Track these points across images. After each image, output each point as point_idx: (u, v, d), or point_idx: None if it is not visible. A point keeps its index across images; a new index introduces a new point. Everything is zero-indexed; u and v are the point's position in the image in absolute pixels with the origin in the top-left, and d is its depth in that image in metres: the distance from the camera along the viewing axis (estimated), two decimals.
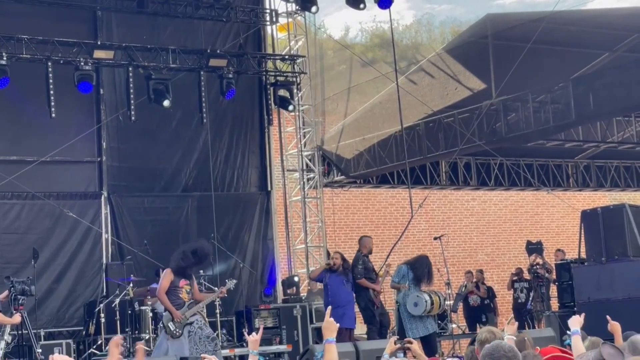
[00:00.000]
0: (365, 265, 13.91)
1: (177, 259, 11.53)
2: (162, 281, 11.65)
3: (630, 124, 19.91)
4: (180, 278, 11.62)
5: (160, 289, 11.61)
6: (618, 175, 22.96)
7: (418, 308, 13.65)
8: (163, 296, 11.52)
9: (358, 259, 14.04)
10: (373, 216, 23.09)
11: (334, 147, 19.41)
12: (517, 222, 25.07)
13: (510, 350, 4.95)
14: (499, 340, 5.38)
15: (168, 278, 11.54)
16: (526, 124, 17.14)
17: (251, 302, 16.46)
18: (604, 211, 14.97)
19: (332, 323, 5.64)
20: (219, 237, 16.37)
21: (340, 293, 13.40)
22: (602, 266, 14.40)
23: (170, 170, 17.02)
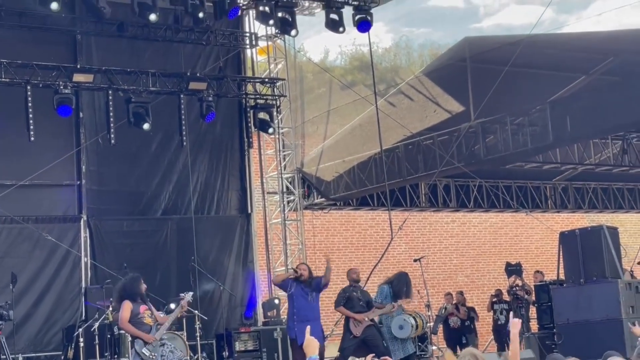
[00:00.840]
0: (349, 295, 13.80)
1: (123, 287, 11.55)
2: (122, 313, 11.51)
3: (607, 146, 20.07)
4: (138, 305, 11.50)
5: (122, 320, 11.47)
6: (596, 197, 23.12)
7: (403, 331, 13.72)
8: (127, 325, 11.39)
9: (343, 288, 14.03)
10: (353, 238, 23.13)
11: (314, 169, 19.46)
12: (496, 243, 25.17)
13: None
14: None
15: (127, 307, 11.42)
16: (504, 146, 17.24)
17: (231, 325, 16.43)
18: (582, 233, 15.07)
19: (313, 340, 5.68)
20: (199, 260, 16.34)
21: (305, 307, 13.17)
22: (581, 287, 14.49)
23: (150, 193, 16.99)
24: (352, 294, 13.79)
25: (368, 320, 13.60)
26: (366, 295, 14.06)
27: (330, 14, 16.06)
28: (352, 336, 13.51)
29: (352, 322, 13.61)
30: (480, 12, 23.83)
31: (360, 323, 13.54)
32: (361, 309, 13.67)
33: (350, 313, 13.62)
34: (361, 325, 13.53)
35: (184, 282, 15.68)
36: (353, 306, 13.68)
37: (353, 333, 13.54)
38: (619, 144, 19.99)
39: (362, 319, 13.54)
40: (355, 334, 13.50)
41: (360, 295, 13.84)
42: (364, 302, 13.76)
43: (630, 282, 14.61)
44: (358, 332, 13.53)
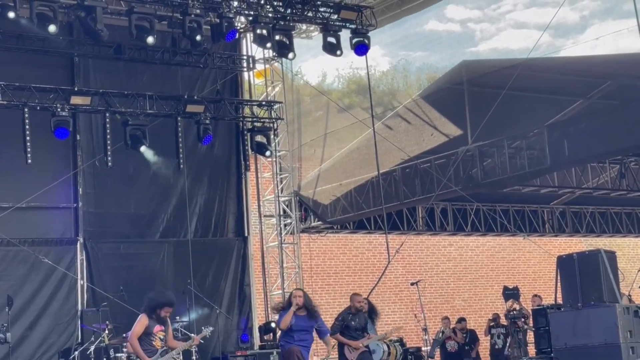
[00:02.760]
0: (347, 323, 13.76)
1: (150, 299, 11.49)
2: (135, 326, 11.49)
3: (605, 170, 20.06)
4: (155, 324, 11.49)
5: (132, 334, 11.44)
6: (593, 220, 23.10)
7: (375, 355, 13.79)
8: (135, 342, 11.35)
9: (339, 315, 13.99)
10: (350, 262, 23.07)
11: (311, 192, 19.44)
12: (494, 267, 25.11)
13: None
14: None
15: (142, 323, 11.39)
16: (502, 169, 17.23)
17: (227, 348, 16.37)
18: (580, 257, 15.00)
19: None
20: (195, 283, 16.30)
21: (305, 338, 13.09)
22: (579, 312, 14.40)
23: (147, 216, 16.97)
24: (350, 322, 13.74)
25: (363, 346, 13.63)
26: (363, 321, 14.01)
27: (328, 37, 16.09)
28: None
29: (347, 349, 13.64)
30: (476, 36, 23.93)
31: (355, 350, 13.57)
32: (358, 336, 13.69)
33: (346, 340, 13.62)
34: (356, 351, 13.56)
35: (180, 305, 15.62)
36: (350, 334, 13.69)
37: (348, 358, 13.56)
38: (617, 167, 19.97)
39: (357, 346, 13.56)
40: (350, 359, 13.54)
41: (357, 324, 13.81)
42: (360, 329, 13.78)
43: (629, 307, 14.51)
44: (353, 358, 13.55)
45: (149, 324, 11.36)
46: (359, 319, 13.92)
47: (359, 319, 13.89)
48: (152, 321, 11.39)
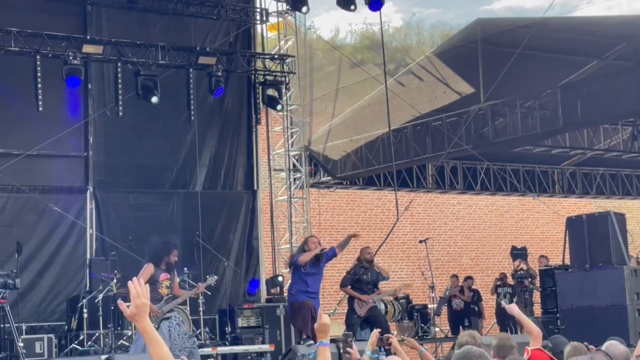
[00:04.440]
0: (358, 277, 13.90)
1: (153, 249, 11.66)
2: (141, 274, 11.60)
3: (617, 131, 19.98)
4: (161, 272, 11.58)
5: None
6: (604, 182, 23.05)
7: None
8: None
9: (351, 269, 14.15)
10: (359, 218, 23.09)
11: (321, 147, 19.40)
12: (502, 227, 25.12)
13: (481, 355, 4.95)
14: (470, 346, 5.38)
15: (148, 271, 11.51)
16: (514, 129, 17.17)
17: (234, 301, 16.44)
18: (589, 218, 15.02)
19: (327, 326, 5.59)
20: (204, 235, 16.34)
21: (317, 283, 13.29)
22: (586, 273, 14.45)
23: (157, 167, 16.96)
24: (362, 276, 13.87)
25: (372, 301, 13.74)
26: (375, 275, 14.12)
27: None
28: (356, 316, 13.67)
29: (357, 303, 13.76)
30: None
31: (365, 304, 13.68)
32: (369, 291, 13.82)
33: (356, 294, 13.77)
34: (366, 305, 13.68)
35: (189, 256, 15.70)
36: (361, 288, 13.81)
37: (357, 313, 13.69)
38: (629, 129, 19.89)
39: (367, 300, 13.69)
40: (359, 314, 13.66)
41: (369, 278, 13.93)
42: (371, 283, 13.91)
43: (636, 269, 14.55)
44: (362, 312, 13.68)
45: (155, 272, 11.48)
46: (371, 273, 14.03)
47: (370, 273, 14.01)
48: (158, 269, 11.51)
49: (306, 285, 13.19)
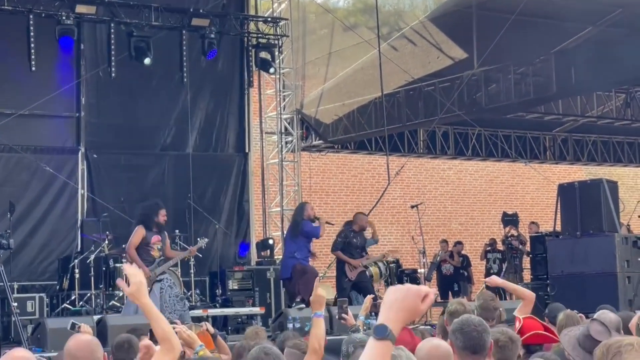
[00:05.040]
0: (349, 241, 14.01)
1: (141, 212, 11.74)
2: (132, 237, 11.70)
3: (610, 98, 19.99)
4: (152, 234, 11.62)
5: (130, 245, 11.66)
6: (595, 149, 23.10)
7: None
8: (132, 252, 11.55)
9: (342, 232, 14.22)
10: (349, 182, 23.11)
11: (313, 111, 19.36)
12: (492, 192, 25.18)
13: (480, 324, 5.00)
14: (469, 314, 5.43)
15: (139, 234, 11.58)
16: (506, 95, 17.17)
17: (225, 264, 16.47)
18: (581, 185, 15.07)
19: (322, 297, 5.66)
20: (195, 197, 16.34)
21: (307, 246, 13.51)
22: (577, 240, 14.52)
23: (149, 129, 16.91)
24: (352, 240, 13.97)
25: (362, 266, 13.86)
26: (363, 240, 14.24)
27: None
28: (347, 279, 13.79)
29: (348, 267, 13.86)
30: None
31: (355, 268, 13.79)
32: (357, 255, 13.92)
33: (347, 258, 13.87)
34: (356, 270, 13.80)
35: (180, 218, 15.71)
36: (351, 252, 13.92)
37: (348, 277, 13.81)
38: (623, 97, 19.91)
39: (357, 265, 13.79)
40: (350, 278, 13.79)
41: (358, 242, 14.04)
42: (361, 247, 14.02)
43: (627, 237, 14.65)
44: (353, 276, 13.80)
45: (146, 234, 11.54)
46: (360, 237, 14.14)
47: (360, 238, 14.12)
48: (149, 232, 11.56)
49: (308, 250, 13.42)
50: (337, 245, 14.20)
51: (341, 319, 7.71)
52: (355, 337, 5.71)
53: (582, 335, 4.96)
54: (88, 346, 4.87)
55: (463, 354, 4.83)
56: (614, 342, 3.61)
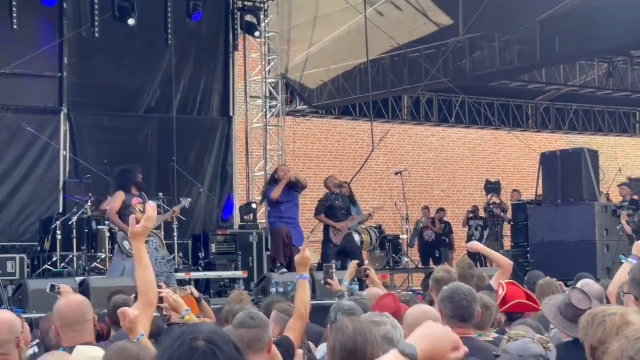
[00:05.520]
0: (330, 202, 14.00)
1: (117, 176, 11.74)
2: (113, 202, 11.68)
3: (593, 68, 20.03)
4: (132, 197, 11.61)
5: (110, 209, 11.64)
6: (576, 118, 23.18)
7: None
8: (113, 216, 11.54)
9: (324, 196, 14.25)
10: (333, 147, 23.12)
11: (298, 75, 19.31)
12: (474, 159, 25.26)
13: (469, 292, 5.06)
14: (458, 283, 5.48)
15: (119, 198, 11.57)
16: (491, 63, 17.16)
17: (208, 227, 16.48)
18: (563, 154, 15.17)
19: (307, 259, 5.68)
20: (178, 160, 16.30)
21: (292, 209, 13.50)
22: (557, 208, 14.64)
23: (133, 91, 16.81)
24: (334, 202, 13.96)
25: (347, 228, 13.84)
26: (346, 201, 14.23)
27: None
28: (332, 244, 13.77)
29: (332, 231, 13.85)
30: None
31: (339, 231, 13.77)
32: (343, 217, 13.90)
33: (330, 222, 13.86)
34: (340, 233, 13.77)
35: (163, 181, 15.69)
36: (335, 214, 13.90)
37: (333, 241, 13.80)
38: (605, 66, 19.95)
39: (341, 228, 13.77)
40: (335, 242, 13.76)
41: (341, 204, 14.03)
42: (344, 209, 14.00)
43: (606, 205, 14.78)
44: (338, 241, 13.78)
45: (126, 197, 11.52)
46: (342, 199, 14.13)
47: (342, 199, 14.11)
48: (128, 195, 11.54)
49: (280, 211, 13.36)
50: (320, 210, 14.20)
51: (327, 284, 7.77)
52: (344, 304, 5.74)
53: (563, 304, 5.01)
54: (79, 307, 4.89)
55: (451, 322, 4.88)
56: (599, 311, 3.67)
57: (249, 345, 4.46)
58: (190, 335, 2.56)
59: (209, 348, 2.53)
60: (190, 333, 2.58)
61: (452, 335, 2.56)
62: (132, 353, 3.96)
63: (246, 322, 4.55)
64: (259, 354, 4.52)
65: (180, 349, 2.54)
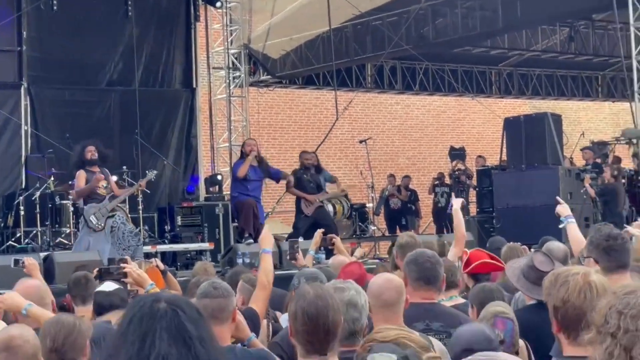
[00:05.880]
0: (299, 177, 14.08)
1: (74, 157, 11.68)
2: (76, 183, 11.62)
3: (555, 32, 20.10)
4: (92, 174, 11.54)
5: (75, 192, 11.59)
6: (539, 83, 23.27)
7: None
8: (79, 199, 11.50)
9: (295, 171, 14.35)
10: (297, 117, 23.07)
11: (261, 46, 19.21)
12: (439, 127, 25.32)
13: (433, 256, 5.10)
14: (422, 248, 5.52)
15: (81, 177, 11.50)
16: (453, 29, 17.18)
17: (173, 200, 16.40)
18: (526, 119, 15.22)
19: (270, 235, 5.85)
20: (142, 133, 16.18)
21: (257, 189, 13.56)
22: (522, 173, 14.71)
23: (93, 64, 16.63)
24: (303, 176, 14.02)
25: (318, 201, 13.92)
26: (316, 178, 14.28)
27: None
28: (304, 215, 13.85)
29: (304, 203, 13.93)
30: None
31: (311, 204, 13.87)
32: (312, 191, 13.99)
33: (302, 194, 13.93)
34: (312, 205, 13.86)
35: (127, 155, 15.57)
36: (304, 188, 13.97)
37: (304, 212, 13.87)
38: (566, 31, 20.03)
39: (313, 200, 13.87)
40: (306, 214, 13.85)
41: (310, 178, 14.08)
42: (314, 184, 14.06)
43: (570, 169, 14.88)
44: (309, 212, 13.86)
45: (87, 176, 11.45)
46: (312, 176, 14.18)
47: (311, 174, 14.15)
48: (89, 173, 11.49)
49: (246, 189, 13.41)
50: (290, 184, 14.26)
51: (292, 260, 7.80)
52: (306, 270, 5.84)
53: (526, 267, 5.05)
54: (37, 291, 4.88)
55: (416, 285, 4.92)
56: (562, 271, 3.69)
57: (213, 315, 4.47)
58: (152, 298, 2.60)
59: (171, 309, 2.55)
60: (152, 296, 2.63)
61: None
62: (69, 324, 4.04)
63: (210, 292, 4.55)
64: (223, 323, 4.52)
65: (142, 310, 2.56)
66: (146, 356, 2.49)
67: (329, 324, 3.67)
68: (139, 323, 2.54)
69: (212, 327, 2.69)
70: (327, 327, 3.67)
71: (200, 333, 2.57)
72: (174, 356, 2.50)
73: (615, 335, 2.51)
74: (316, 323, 3.66)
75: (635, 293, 2.58)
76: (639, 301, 2.54)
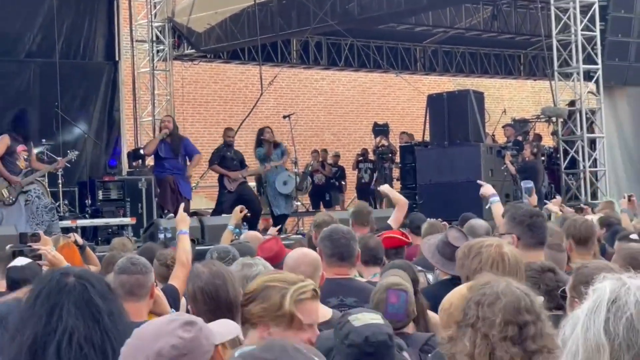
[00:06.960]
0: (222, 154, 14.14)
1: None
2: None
3: (478, 11, 20.29)
4: (17, 144, 11.32)
5: None
6: (463, 61, 23.47)
7: (286, 187, 14.34)
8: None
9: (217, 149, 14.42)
10: (222, 91, 22.94)
11: (185, 19, 19.01)
12: (364, 103, 25.42)
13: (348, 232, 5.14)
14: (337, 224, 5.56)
15: (4, 142, 11.25)
16: (378, 6, 17.22)
17: (95, 173, 16.17)
18: (449, 96, 15.36)
19: (186, 216, 5.86)
20: (63, 106, 15.90)
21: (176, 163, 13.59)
22: (444, 150, 14.85)
23: (12, 34, 16.25)
24: (226, 153, 14.10)
25: (242, 177, 14.00)
26: (239, 155, 14.38)
27: None
28: (227, 191, 13.91)
29: (227, 180, 13.99)
30: None
31: (234, 180, 13.93)
32: (235, 167, 14.06)
33: (224, 171, 14.00)
34: (235, 182, 13.92)
35: (47, 128, 15.29)
36: (227, 165, 14.05)
37: (228, 188, 13.93)
38: (490, 9, 20.23)
39: (236, 177, 13.94)
40: (229, 189, 13.91)
41: (233, 155, 14.17)
42: (237, 161, 14.13)
43: (492, 146, 15.07)
44: (232, 188, 13.91)
45: (11, 143, 11.23)
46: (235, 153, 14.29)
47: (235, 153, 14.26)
48: (14, 141, 11.25)
49: (163, 167, 13.47)
50: (213, 160, 14.36)
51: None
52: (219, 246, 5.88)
53: (441, 242, 5.10)
54: None
55: (331, 261, 4.93)
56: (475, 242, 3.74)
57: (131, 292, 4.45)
58: (61, 272, 2.61)
59: (80, 283, 2.55)
60: (61, 270, 2.65)
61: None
62: None
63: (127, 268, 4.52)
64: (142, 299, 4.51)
65: (50, 285, 2.56)
66: (53, 330, 2.49)
67: (230, 299, 3.68)
68: (47, 297, 2.54)
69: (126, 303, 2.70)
70: (229, 302, 3.68)
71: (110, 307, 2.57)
72: (82, 330, 2.50)
73: (475, 324, 2.61)
74: (218, 301, 3.68)
75: (489, 284, 2.69)
76: (494, 290, 2.65)
